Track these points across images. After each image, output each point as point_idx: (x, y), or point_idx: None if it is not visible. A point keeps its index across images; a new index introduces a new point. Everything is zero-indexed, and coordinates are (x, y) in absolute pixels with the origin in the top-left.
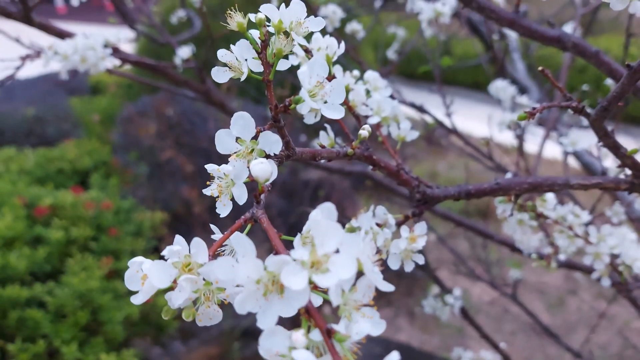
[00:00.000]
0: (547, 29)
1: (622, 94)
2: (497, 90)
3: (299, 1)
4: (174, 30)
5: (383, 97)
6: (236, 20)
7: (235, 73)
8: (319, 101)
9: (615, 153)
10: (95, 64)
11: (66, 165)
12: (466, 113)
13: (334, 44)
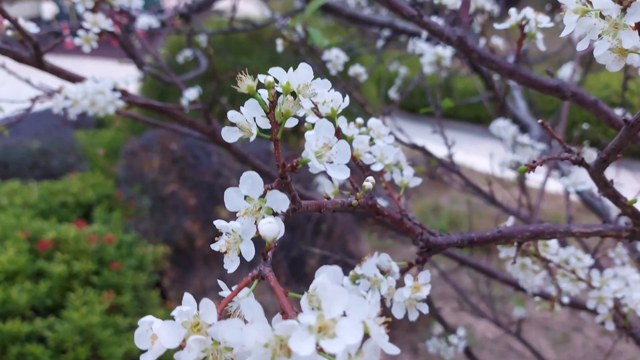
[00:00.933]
0: (547, 78)
1: (621, 147)
2: (498, 130)
3: (306, 65)
4: (181, 69)
5: (386, 145)
6: (246, 83)
7: (244, 133)
8: (325, 162)
9: (615, 202)
10: (104, 107)
11: (70, 199)
12: (468, 147)
13: (338, 98)
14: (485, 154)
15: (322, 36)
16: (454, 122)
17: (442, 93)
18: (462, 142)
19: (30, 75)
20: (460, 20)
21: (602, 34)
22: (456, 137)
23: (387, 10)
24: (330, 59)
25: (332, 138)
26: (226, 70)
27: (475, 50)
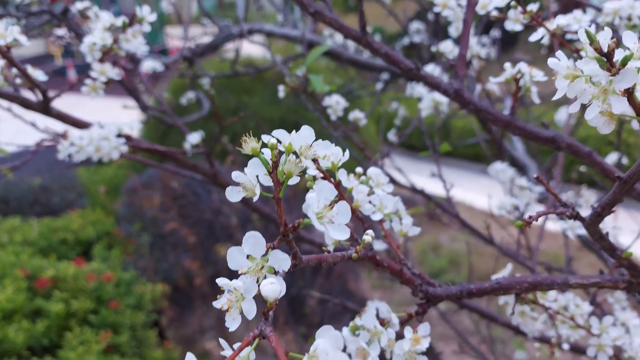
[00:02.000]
0: (542, 130)
1: (615, 202)
2: (496, 173)
3: (308, 127)
4: (184, 110)
5: (385, 194)
6: (251, 145)
7: (248, 192)
8: (325, 223)
9: (611, 255)
10: (109, 153)
11: (69, 236)
12: (468, 185)
13: (338, 152)
14: (484, 192)
15: (322, 82)
16: (453, 160)
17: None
18: (461, 180)
19: (35, 118)
20: (457, 74)
21: (593, 99)
22: (455, 174)
23: None
24: (331, 105)
25: (332, 199)
26: (228, 109)
27: (472, 102)
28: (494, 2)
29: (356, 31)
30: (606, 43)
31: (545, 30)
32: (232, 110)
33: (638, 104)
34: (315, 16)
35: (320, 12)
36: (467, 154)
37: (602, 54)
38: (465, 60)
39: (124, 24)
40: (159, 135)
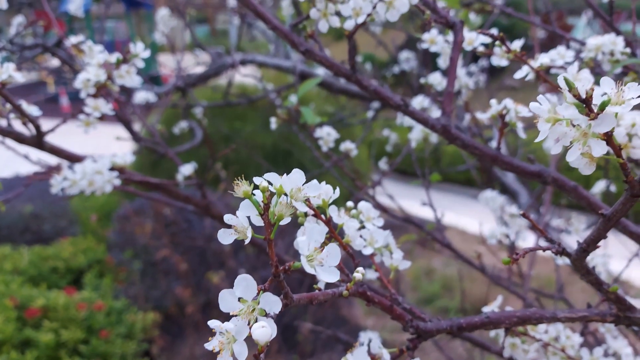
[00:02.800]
0: (528, 164)
1: (599, 238)
2: (486, 201)
3: (299, 170)
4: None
5: (376, 228)
6: (242, 189)
7: (239, 235)
8: (315, 265)
9: (598, 289)
10: (102, 187)
11: (60, 264)
12: (460, 210)
13: (329, 190)
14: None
15: (313, 115)
16: (445, 185)
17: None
18: (453, 205)
19: (29, 150)
20: (444, 110)
21: (573, 142)
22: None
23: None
24: (322, 136)
25: (322, 241)
26: (221, 136)
27: (459, 138)
28: (479, 39)
29: (346, 69)
30: (584, 89)
31: (529, 67)
32: (224, 137)
33: (617, 145)
34: (306, 54)
35: (310, 50)
36: (459, 179)
37: (581, 100)
38: (452, 97)
39: (118, 60)
40: (151, 163)
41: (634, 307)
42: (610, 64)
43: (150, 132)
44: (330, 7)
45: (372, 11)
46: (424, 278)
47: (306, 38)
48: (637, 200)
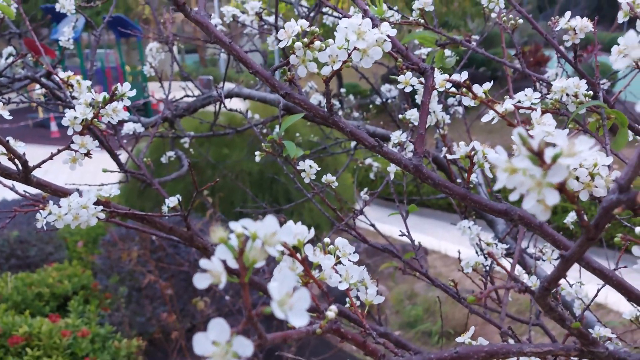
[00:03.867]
0: (496, 203)
1: (559, 278)
2: (463, 230)
3: (273, 217)
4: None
5: (351, 264)
6: (218, 234)
7: (214, 279)
8: (286, 310)
9: (562, 325)
10: (87, 220)
11: (45, 290)
12: (441, 234)
13: (304, 231)
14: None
15: (295, 148)
16: (427, 210)
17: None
18: (435, 229)
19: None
20: (416, 151)
21: (529, 190)
22: (430, 224)
23: (357, 116)
24: (304, 169)
25: (293, 287)
26: (208, 162)
27: (431, 178)
28: (454, 78)
29: (323, 111)
30: (537, 143)
31: (494, 112)
32: (212, 164)
33: (571, 193)
34: (286, 97)
35: (290, 94)
36: (440, 204)
37: (534, 153)
38: (424, 138)
39: (104, 99)
40: (138, 190)
41: (596, 342)
42: (575, 105)
43: (136, 164)
44: (308, 54)
45: (348, 58)
46: (406, 302)
47: (286, 82)
48: (592, 243)
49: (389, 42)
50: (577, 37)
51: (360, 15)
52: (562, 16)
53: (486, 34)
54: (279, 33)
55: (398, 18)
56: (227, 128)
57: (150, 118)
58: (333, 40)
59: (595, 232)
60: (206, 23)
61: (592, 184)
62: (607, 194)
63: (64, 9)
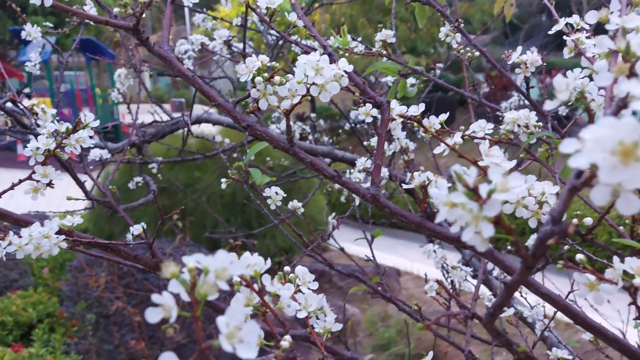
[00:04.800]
0: (449, 230)
1: (504, 304)
2: (428, 253)
3: (224, 251)
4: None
5: (310, 292)
6: (170, 270)
7: (166, 313)
8: (235, 343)
9: (509, 349)
10: (49, 250)
11: (8, 319)
12: (413, 255)
13: (260, 262)
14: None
15: (261, 175)
16: (399, 232)
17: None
18: (408, 250)
19: None
20: (373, 181)
21: (467, 224)
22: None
23: (327, 140)
24: (270, 195)
25: (242, 321)
26: (180, 184)
27: (387, 206)
28: (411, 111)
29: (284, 142)
30: (472, 180)
31: (445, 145)
32: (183, 186)
33: (508, 226)
34: (247, 129)
35: (251, 125)
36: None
37: (469, 189)
38: (380, 169)
39: (67, 130)
40: (106, 215)
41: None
42: (526, 135)
43: (102, 192)
44: (269, 88)
45: (307, 92)
46: (380, 324)
47: (248, 114)
48: (531, 272)
49: (345, 78)
50: (528, 71)
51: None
52: (531, 38)
53: (450, 61)
54: (240, 68)
55: (362, 49)
56: (195, 153)
57: (118, 143)
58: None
59: (533, 261)
60: (169, 57)
61: (540, 211)
62: (543, 225)
63: (30, 37)
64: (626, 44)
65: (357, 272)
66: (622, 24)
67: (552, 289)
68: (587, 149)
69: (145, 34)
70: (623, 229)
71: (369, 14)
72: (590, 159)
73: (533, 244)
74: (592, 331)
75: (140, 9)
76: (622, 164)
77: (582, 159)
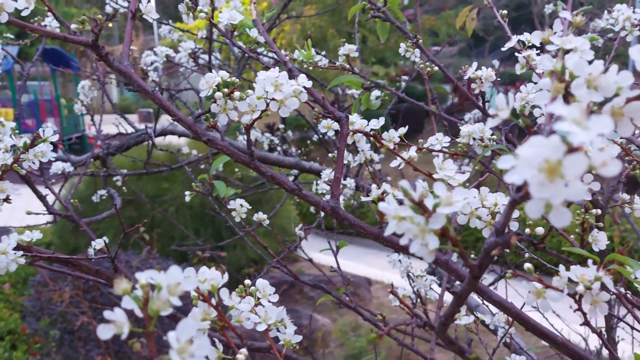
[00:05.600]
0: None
1: (454, 313)
2: (393, 262)
3: (177, 267)
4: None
5: (270, 305)
6: (122, 286)
7: (118, 329)
8: (186, 357)
9: (461, 356)
10: (6, 267)
11: None
12: (383, 264)
13: (217, 277)
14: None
15: (225, 187)
16: (369, 241)
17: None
18: (377, 259)
19: None
20: (333, 194)
21: (415, 236)
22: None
23: (294, 151)
24: (235, 208)
25: (193, 337)
26: (147, 196)
27: (347, 219)
28: (371, 125)
29: (245, 156)
30: (417, 194)
31: (401, 159)
32: (151, 197)
33: (454, 238)
34: (208, 144)
35: (212, 140)
36: None
37: (415, 203)
38: (340, 182)
39: (25, 145)
40: (70, 228)
41: None
42: (481, 148)
43: (63, 206)
44: (229, 103)
45: (267, 108)
46: (351, 333)
47: (209, 128)
48: (478, 281)
49: (305, 93)
50: (483, 86)
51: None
52: (496, 50)
53: (416, 72)
54: (200, 83)
55: (326, 62)
56: (161, 165)
57: (81, 156)
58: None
59: (479, 271)
60: (129, 72)
61: (493, 222)
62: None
63: None
64: (562, 65)
65: (322, 282)
66: (561, 44)
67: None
68: (519, 166)
69: (104, 50)
70: (573, 238)
71: (339, 25)
72: (521, 175)
73: (480, 255)
74: (542, 337)
75: (98, 25)
76: (549, 181)
77: (515, 175)
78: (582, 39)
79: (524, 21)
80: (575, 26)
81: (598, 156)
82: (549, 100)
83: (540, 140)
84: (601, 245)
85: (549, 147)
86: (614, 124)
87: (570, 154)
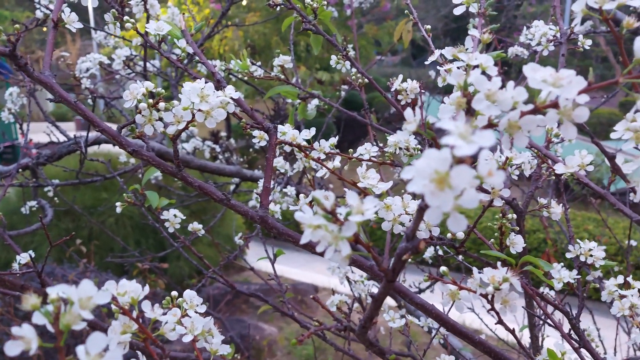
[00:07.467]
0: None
1: (373, 317)
2: (332, 269)
3: (89, 281)
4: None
5: (197, 315)
6: (30, 302)
7: (26, 346)
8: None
9: (382, 357)
10: None
11: None
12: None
13: (138, 289)
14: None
15: (158, 198)
16: None
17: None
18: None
19: None
20: (261, 204)
21: (329, 244)
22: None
23: (235, 159)
24: (168, 218)
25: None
26: (85, 205)
27: (275, 227)
28: (302, 135)
29: (172, 167)
30: (329, 204)
31: (326, 169)
32: (89, 207)
33: (367, 244)
34: (133, 154)
35: (137, 151)
36: None
37: (327, 212)
38: (269, 191)
39: None
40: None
41: None
42: (407, 157)
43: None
44: (154, 114)
45: (193, 119)
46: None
47: (135, 139)
48: (392, 286)
49: (232, 104)
50: (409, 97)
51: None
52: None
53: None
54: (124, 94)
55: (261, 73)
56: (95, 175)
57: (8, 167)
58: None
59: (393, 276)
60: (50, 83)
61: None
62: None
63: None
64: (464, 80)
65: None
66: (467, 61)
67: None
68: (415, 177)
69: (23, 59)
70: (492, 242)
71: (283, 33)
72: (417, 185)
73: (393, 260)
74: (461, 336)
75: (16, 34)
76: (439, 190)
77: (413, 185)
78: (486, 56)
79: (464, 32)
80: (483, 43)
81: (484, 167)
82: (454, 114)
83: (432, 153)
84: (518, 248)
85: (438, 159)
86: (508, 136)
87: (456, 166)
